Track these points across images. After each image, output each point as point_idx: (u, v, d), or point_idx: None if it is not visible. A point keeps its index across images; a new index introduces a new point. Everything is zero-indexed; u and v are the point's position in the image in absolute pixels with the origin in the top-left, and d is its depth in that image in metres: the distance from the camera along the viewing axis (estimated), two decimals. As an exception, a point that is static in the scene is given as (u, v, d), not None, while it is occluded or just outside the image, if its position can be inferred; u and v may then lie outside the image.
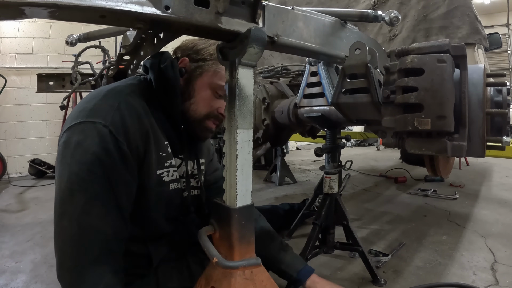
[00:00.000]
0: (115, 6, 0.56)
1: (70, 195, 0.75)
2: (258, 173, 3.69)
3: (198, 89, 0.94)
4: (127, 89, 0.88)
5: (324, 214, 1.36)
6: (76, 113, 0.81)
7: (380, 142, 6.27)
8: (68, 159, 0.77)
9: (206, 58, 0.95)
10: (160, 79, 0.91)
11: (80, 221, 0.75)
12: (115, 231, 0.80)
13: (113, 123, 0.78)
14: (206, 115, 0.95)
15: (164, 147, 0.92)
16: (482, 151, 0.90)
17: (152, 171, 0.88)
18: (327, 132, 1.43)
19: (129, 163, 0.81)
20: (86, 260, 0.76)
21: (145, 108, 0.87)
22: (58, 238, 0.77)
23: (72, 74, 2.19)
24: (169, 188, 0.94)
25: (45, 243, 1.86)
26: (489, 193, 2.85)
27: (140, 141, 0.83)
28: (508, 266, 1.48)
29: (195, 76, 0.95)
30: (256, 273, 0.80)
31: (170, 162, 0.93)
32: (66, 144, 0.78)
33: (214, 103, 0.95)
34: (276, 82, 1.83)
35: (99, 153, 0.76)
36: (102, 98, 0.83)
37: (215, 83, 0.94)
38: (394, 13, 1.02)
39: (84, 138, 0.76)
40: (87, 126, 0.77)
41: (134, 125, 0.82)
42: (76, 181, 0.75)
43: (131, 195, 0.84)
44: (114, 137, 0.78)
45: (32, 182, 3.60)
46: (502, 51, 6.72)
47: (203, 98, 0.94)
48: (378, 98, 0.92)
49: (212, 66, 0.94)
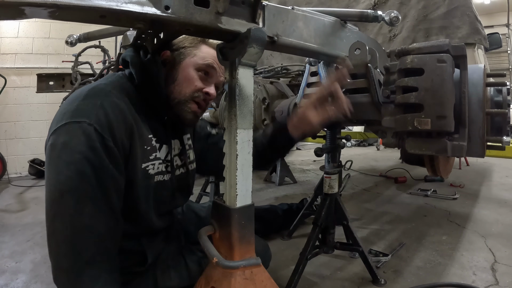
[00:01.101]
0: (115, 6, 0.56)
1: (60, 196, 0.75)
2: (258, 173, 3.69)
3: (181, 71, 0.95)
4: (109, 86, 0.88)
5: (324, 214, 1.36)
6: (60, 115, 0.80)
7: (380, 142, 6.27)
8: (55, 161, 0.77)
9: (187, 46, 0.96)
10: (142, 74, 0.91)
11: (73, 221, 0.75)
12: (108, 229, 0.80)
13: (98, 121, 0.78)
14: (190, 95, 0.95)
15: (148, 140, 0.92)
16: (482, 151, 0.90)
17: (137, 165, 0.88)
18: (327, 132, 1.43)
19: (116, 159, 0.81)
20: (82, 260, 0.76)
21: (127, 104, 0.87)
22: (52, 240, 0.77)
23: (72, 74, 2.19)
24: (154, 181, 0.94)
25: (45, 243, 1.81)
26: (489, 193, 2.85)
27: (125, 136, 0.83)
28: (508, 266, 1.48)
29: (177, 62, 0.96)
30: (256, 273, 0.80)
31: (155, 155, 0.94)
32: (53, 146, 0.78)
33: (198, 82, 0.95)
34: (276, 82, 1.83)
35: (86, 152, 0.76)
36: (84, 97, 0.82)
37: (197, 63, 0.95)
38: (394, 13, 1.02)
39: (70, 139, 0.76)
40: (72, 127, 0.77)
41: (118, 121, 0.82)
42: (65, 181, 0.75)
43: (121, 191, 0.84)
44: (100, 135, 0.78)
45: (32, 182, 3.60)
46: (502, 51, 6.72)
47: (186, 78, 0.95)
48: (378, 98, 0.92)
49: (193, 50, 0.96)
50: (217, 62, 0.96)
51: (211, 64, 0.95)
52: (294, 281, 1.27)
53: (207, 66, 0.95)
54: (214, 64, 0.96)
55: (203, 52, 0.96)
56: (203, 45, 0.97)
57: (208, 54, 0.96)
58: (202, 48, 0.96)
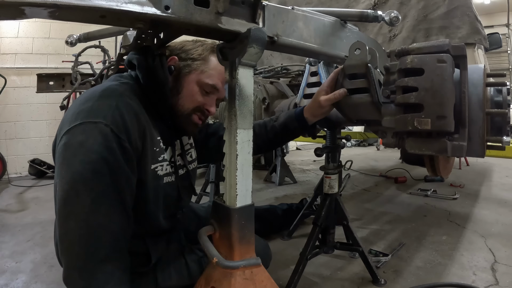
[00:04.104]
0: (115, 6, 0.56)
1: (75, 195, 0.75)
2: (258, 173, 3.69)
3: (186, 85, 0.96)
4: (121, 87, 0.89)
5: (324, 214, 1.36)
6: (74, 115, 0.80)
7: (380, 142, 6.27)
8: (70, 160, 0.77)
9: (195, 58, 0.97)
10: (149, 78, 0.92)
11: (88, 220, 0.75)
12: (122, 228, 0.81)
13: (114, 121, 0.79)
14: (192, 109, 0.97)
15: (157, 142, 0.93)
16: (482, 151, 0.90)
17: (147, 166, 0.90)
18: (327, 132, 1.43)
19: (131, 160, 0.82)
20: (97, 258, 0.76)
21: (139, 105, 0.88)
22: (65, 239, 0.77)
23: (72, 74, 2.19)
24: (163, 182, 0.96)
25: (45, 243, 1.85)
26: (489, 193, 2.85)
27: (138, 137, 0.85)
28: (508, 266, 1.48)
29: (183, 74, 0.97)
30: (256, 273, 0.80)
31: (163, 156, 0.95)
32: (67, 145, 0.77)
33: (200, 99, 0.97)
34: (276, 82, 1.83)
35: (103, 152, 0.76)
36: (98, 98, 0.83)
37: (202, 81, 0.96)
38: (394, 13, 1.02)
39: (86, 138, 0.76)
40: (88, 127, 0.77)
41: (133, 122, 0.83)
42: (81, 180, 0.75)
43: (133, 191, 0.85)
44: (116, 136, 0.78)
45: (32, 182, 3.60)
46: (502, 51, 6.72)
47: (190, 94, 0.96)
48: (378, 98, 0.92)
49: (200, 65, 0.97)
50: (222, 80, 0.98)
51: (216, 85, 0.97)
52: (294, 281, 1.27)
53: (211, 86, 0.97)
54: (219, 84, 0.98)
55: (211, 68, 0.97)
56: (212, 58, 0.97)
57: (216, 70, 0.97)
58: (211, 63, 0.97)
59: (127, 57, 0.97)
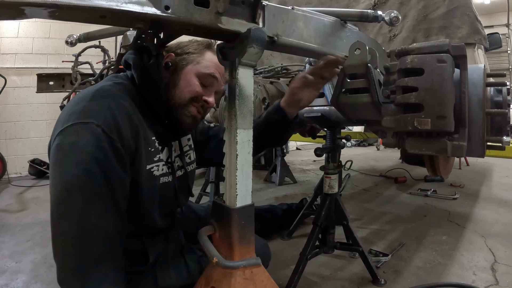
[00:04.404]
0: (115, 6, 0.56)
1: (68, 196, 0.75)
2: (258, 173, 3.69)
3: (183, 76, 0.97)
4: (114, 88, 0.89)
5: (324, 214, 1.36)
6: (66, 116, 0.80)
7: (380, 142, 6.27)
8: (62, 161, 0.77)
9: (191, 52, 0.98)
10: (144, 77, 0.92)
11: (81, 221, 0.75)
12: (115, 228, 0.80)
13: (106, 122, 0.79)
14: (190, 99, 0.97)
15: (152, 142, 0.93)
16: (482, 151, 0.90)
17: (142, 166, 0.89)
18: (327, 132, 1.43)
19: (123, 160, 0.82)
20: (90, 259, 0.76)
21: (132, 106, 0.88)
22: (58, 240, 0.77)
23: (72, 74, 2.19)
24: (159, 182, 0.95)
25: (45, 243, 1.85)
26: (489, 193, 2.85)
27: (131, 138, 0.84)
28: (508, 266, 1.48)
29: (180, 67, 0.97)
30: (256, 273, 0.80)
31: (158, 156, 0.95)
32: (59, 147, 0.78)
33: (198, 88, 0.97)
34: (276, 82, 1.83)
35: (94, 153, 0.76)
36: (91, 99, 0.83)
37: (199, 71, 0.97)
38: (394, 13, 1.02)
39: (78, 139, 0.76)
40: (80, 127, 0.77)
41: (125, 123, 0.83)
42: (73, 181, 0.75)
43: (126, 192, 0.85)
44: (108, 136, 0.78)
45: (32, 182, 3.60)
46: (502, 51, 6.72)
47: (187, 84, 0.96)
48: (378, 98, 0.92)
49: (196, 58, 0.98)
50: (219, 71, 0.98)
51: (213, 74, 0.97)
52: (294, 281, 1.27)
53: (208, 75, 0.97)
54: (216, 74, 0.98)
55: (206, 60, 0.98)
56: (208, 52, 0.98)
57: (212, 62, 0.98)
58: (206, 56, 0.98)
59: (124, 56, 0.97)
